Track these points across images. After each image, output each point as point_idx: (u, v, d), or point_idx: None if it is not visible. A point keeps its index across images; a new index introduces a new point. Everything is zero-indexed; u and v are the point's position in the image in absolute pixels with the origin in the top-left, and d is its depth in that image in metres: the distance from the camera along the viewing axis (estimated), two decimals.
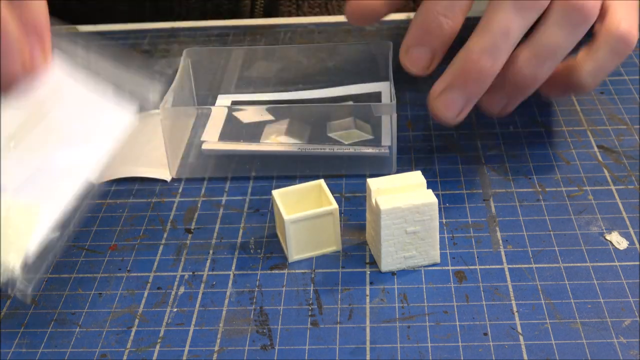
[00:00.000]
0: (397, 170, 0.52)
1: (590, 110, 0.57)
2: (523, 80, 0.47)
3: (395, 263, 0.44)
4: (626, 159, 0.52)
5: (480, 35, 0.45)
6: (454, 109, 0.47)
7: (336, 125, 0.53)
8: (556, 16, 0.46)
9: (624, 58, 0.49)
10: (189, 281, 0.45)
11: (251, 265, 0.46)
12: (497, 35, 0.45)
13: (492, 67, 0.45)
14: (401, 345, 0.40)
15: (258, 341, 0.41)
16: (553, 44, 0.46)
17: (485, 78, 0.45)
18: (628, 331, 0.40)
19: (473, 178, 0.51)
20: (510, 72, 0.46)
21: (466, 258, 0.45)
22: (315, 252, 0.46)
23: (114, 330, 0.42)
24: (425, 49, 0.47)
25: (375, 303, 0.43)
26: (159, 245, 0.48)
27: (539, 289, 0.43)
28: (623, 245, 0.45)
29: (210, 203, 0.51)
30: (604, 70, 0.48)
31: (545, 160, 0.52)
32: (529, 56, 0.46)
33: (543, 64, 0.46)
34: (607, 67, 0.48)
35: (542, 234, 0.46)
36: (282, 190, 0.46)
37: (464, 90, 0.46)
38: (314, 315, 0.42)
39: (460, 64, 0.46)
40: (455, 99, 0.46)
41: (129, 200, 0.51)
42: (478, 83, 0.46)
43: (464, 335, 0.40)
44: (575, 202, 0.49)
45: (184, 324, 0.42)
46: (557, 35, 0.46)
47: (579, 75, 0.48)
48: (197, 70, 0.57)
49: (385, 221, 0.43)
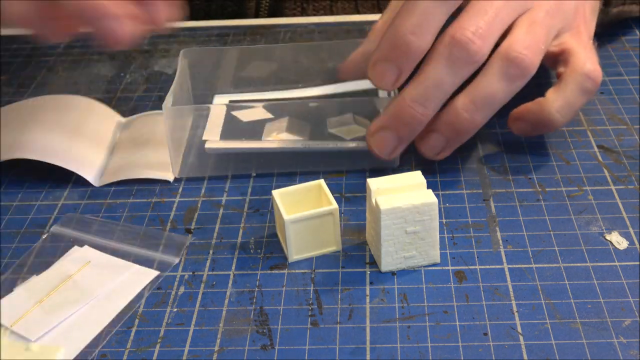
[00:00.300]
0: (397, 170, 0.52)
1: (590, 110, 0.57)
2: (461, 125, 0.49)
3: (395, 263, 0.44)
4: (626, 159, 0.52)
5: (414, 85, 0.48)
6: (387, 148, 0.50)
7: (336, 122, 0.53)
8: (495, 68, 0.48)
9: (592, 96, 0.51)
10: (189, 281, 0.45)
11: (251, 265, 0.46)
12: (429, 87, 0.48)
13: (423, 114, 0.49)
14: (401, 345, 0.40)
15: (258, 341, 0.41)
16: (491, 93, 0.49)
17: (416, 124, 0.49)
18: (628, 331, 0.40)
19: (473, 178, 0.51)
20: (449, 117, 0.49)
21: (466, 258, 0.45)
22: (315, 252, 0.46)
23: (114, 330, 0.42)
24: (392, 65, 0.48)
25: (375, 303, 0.43)
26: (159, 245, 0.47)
27: (539, 289, 0.43)
28: (623, 245, 0.45)
29: (210, 203, 0.51)
30: (572, 107, 0.51)
31: (545, 160, 0.53)
32: (467, 102, 0.49)
33: (480, 110, 0.49)
34: (575, 103, 0.51)
35: (542, 234, 0.46)
36: (282, 190, 0.46)
37: (396, 132, 0.49)
38: (314, 315, 0.42)
39: (394, 109, 0.49)
40: (388, 138, 0.50)
41: (129, 200, 0.51)
42: (409, 127, 0.49)
43: (464, 335, 0.40)
44: (575, 202, 0.49)
45: (184, 324, 0.42)
46: (495, 86, 0.48)
47: (549, 112, 0.50)
48: (194, 70, 0.57)
49: (385, 221, 0.43)
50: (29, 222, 0.50)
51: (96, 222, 0.49)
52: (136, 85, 0.64)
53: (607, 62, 0.63)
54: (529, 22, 0.50)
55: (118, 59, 0.68)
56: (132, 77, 0.65)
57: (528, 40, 0.49)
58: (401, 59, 0.48)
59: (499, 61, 0.48)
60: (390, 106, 0.49)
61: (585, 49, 0.52)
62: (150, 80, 0.65)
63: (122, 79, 0.65)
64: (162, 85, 0.63)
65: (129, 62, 0.67)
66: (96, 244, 0.47)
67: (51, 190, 0.52)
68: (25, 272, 0.46)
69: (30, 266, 0.46)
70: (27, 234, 0.49)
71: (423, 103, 0.48)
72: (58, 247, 0.47)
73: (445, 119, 0.50)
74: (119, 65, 0.67)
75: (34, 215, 0.50)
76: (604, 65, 0.62)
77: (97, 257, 0.46)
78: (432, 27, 0.48)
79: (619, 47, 0.65)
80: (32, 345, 0.41)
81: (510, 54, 0.48)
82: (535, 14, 0.50)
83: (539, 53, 0.49)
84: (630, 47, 0.65)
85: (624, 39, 0.66)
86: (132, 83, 0.64)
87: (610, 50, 0.65)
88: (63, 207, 0.51)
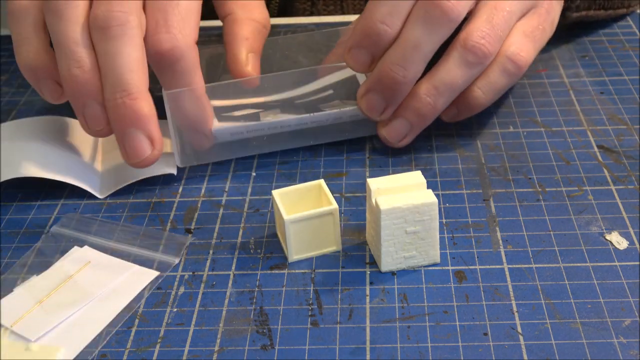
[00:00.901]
0: (397, 171, 0.52)
1: (590, 110, 0.57)
2: (424, 109, 0.51)
3: (395, 263, 0.44)
4: (626, 159, 0.52)
5: (394, 48, 0.50)
6: (376, 110, 0.52)
7: (327, 107, 0.54)
8: (455, 56, 0.50)
9: (515, 78, 0.53)
10: (189, 281, 0.45)
11: (251, 265, 0.46)
12: (407, 49, 0.50)
13: (404, 76, 0.50)
14: (401, 345, 0.40)
15: (258, 341, 0.41)
16: (451, 79, 0.51)
17: (399, 86, 0.51)
18: (628, 331, 0.40)
19: (473, 178, 0.51)
20: (413, 102, 0.51)
21: (466, 258, 0.45)
22: (315, 252, 0.46)
23: (114, 330, 0.42)
24: (364, 51, 0.51)
25: (375, 303, 0.43)
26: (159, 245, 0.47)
27: (539, 289, 0.43)
28: (623, 245, 0.45)
29: (210, 203, 0.51)
30: (493, 86, 0.53)
31: (545, 160, 0.52)
32: (430, 88, 0.51)
33: (441, 95, 0.51)
34: (496, 83, 0.53)
35: (542, 234, 0.46)
36: (282, 190, 0.46)
37: (382, 94, 0.51)
38: (314, 315, 0.42)
39: (377, 74, 0.51)
40: (376, 100, 0.52)
41: (129, 200, 0.51)
42: (393, 90, 0.51)
43: (464, 335, 0.40)
44: (575, 202, 0.49)
45: (184, 324, 0.42)
46: (455, 72, 0.51)
47: (470, 89, 0.52)
48: None
49: (385, 221, 0.43)
50: (29, 222, 0.50)
51: (96, 222, 0.49)
52: None
53: (607, 62, 0.63)
54: (492, 7, 0.51)
55: None
56: None
57: (487, 29, 0.50)
58: (373, 45, 0.50)
59: (458, 49, 0.50)
60: (375, 70, 0.51)
61: (522, 32, 0.53)
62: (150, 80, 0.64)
63: None
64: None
65: None
66: (96, 244, 0.47)
67: (51, 190, 0.52)
68: (25, 272, 0.46)
69: (30, 266, 0.46)
70: (27, 234, 0.49)
71: (403, 65, 0.50)
72: (58, 247, 0.47)
73: (408, 104, 0.52)
74: None
75: (34, 215, 0.50)
76: (604, 65, 0.63)
77: (97, 257, 0.46)
78: (401, 14, 0.50)
79: (619, 47, 0.65)
80: (32, 345, 0.41)
81: (468, 43, 0.50)
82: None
83: (498, 40, 0.51)
84: (630, 47, 0.65)
85: (624, 39, 0.66)
86: None
87: (610, 50, 0.65)
88: (63, 207, 0.51)
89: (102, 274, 0.45)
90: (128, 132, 0.48)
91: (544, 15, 0.55)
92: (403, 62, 0.50)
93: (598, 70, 0.62)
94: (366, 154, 0.54)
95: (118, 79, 0.47)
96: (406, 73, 0.50)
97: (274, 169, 0.53)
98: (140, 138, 0.48)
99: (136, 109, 0.47)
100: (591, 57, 0.64)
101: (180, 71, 0.49)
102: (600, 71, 0.62)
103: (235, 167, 0.54)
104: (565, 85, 0.61)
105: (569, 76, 0.62)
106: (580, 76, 0.61)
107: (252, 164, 0.54)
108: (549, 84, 0.61)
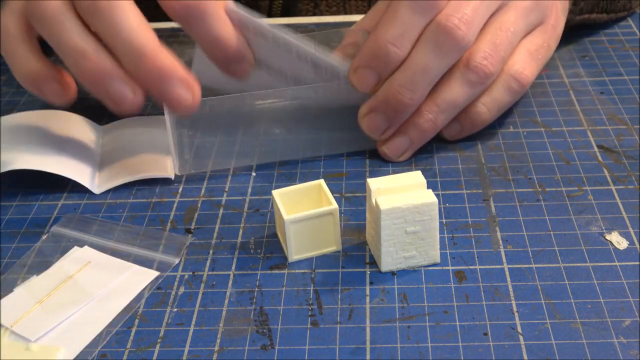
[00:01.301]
0: (397, 170, 0.52)
1: (590, 110, 0.57)
2: (425, 126, 0.52)
3: (395, 263, 0.44)
4: (626, 159, 0.52)
5: (402, 71, 0.51)
6: (379, 129, 0.52)
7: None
8: (457, 75, 0.51)
9: (518, 95, 0.54)
10: (189, 281, 0.45)
11: (251, 265, 0.46)
12: (417, 72, 0.50)
13: (411, 99, 0.51)
14: (401, 345, 0.40)
15: (258, 341, 0.41)
16: (453, 98, 0.51)
17: (405, 108, 0.51)
18: (628, 331, 0.40)
19: (473, 178, 0.51)
20: (414, 119, 0.52)
21: (466, 258, 0.45)
22: (315, 252, 0.46)
23: (114, 330, 0.42)
24: (372, 72, 0.51)
25: (375, 303, 0.43)
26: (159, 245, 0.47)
27: (539, 289, 0.43)
28: (623, 245, 0.45)
29: (210, 203, 0.51)
30: (497, 102, 0.53)
31: (545, 160, 0.53)
32: (431, 105, 0.52)
33: (443, 113, 0.52)
34: (500, 100, 0.53)
35: (542, 234, 0.46)
36: (282, 190, 0.46)
37: (386, 115, 0.52)
38: (314, 315, 0.42)
39: (383, 95, 0.51)
40: (380, 120, 0.52)
41: (129, 200, 0.51)
42: (398, 112, 0.51)
43: (464, 335, 0.40)
44: (575, 202, 0.49)
45: (184, 324, 0.42)
46: (457, 91, 0.51)
47: (475, 105, 0.53)
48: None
49: (385, 221, 0.43)
50: (29, 222, 0.50)
51: (96, 222, 0.49)
52: None
53: (607, 62, 0.63)
54: (496, 28, 0.52)
55: None
56: None
57: (489, 49, 0.51)
58: (381, 66, 0.51)
59: (461, 69, 0.51)
60: (380, 91, 0.51)
61: (527, 50, 0.54)
62: None
63: None
64: None
65: None
66: (96, 244, 0.47)
67: (51, 190, 0.52)
68: (25, 272, 0.46)
69: (30, 266, 0.46)
70: (27, 234, 0.49)
71: (411, 88, 0.50)
72: (58, 247, 0.47)
73: (409, 121, 0.52)
74: None
75: (34, 215, 0.50)
76: (604, 65, 0.63)
77: (97, 258, 0.46)
78: (412, 36, 0.50)
79: (619, 47, 0.65)
80: (32, 345, 0.41)
81: (470, 63, 0.51)
82: (506, 17, 0.53)
83: (499, 61, 0.52)
84: (630, 47, 0.65)
85: (624, 39, 0.66)
86: None
87: (610, 50, 0.65)
88: (63, 207, 0.51)
89: (102, 274, 0.45)
90: (162, 89, 0.49)
91: (549, 31, 0.56)
92: (411, 85, 0.50)
93: (598, 70, 0.62)
94: (366, 154, 0.54)
95: (128, 45, 0.48)
96: (413, 96, 0.51)
97: (274, 169, 0.53)
98: (175, 89, 0.49)
99: (159, 65, 0.48)
100: (591, 57, 0.64)
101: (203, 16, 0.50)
102: (600, 71, 0.62)
103: (235, 167, 0.54)
104: (565, 85, 0.61)
105: (569, 76, 0.62)
106: (580, 76, 0.61)
107: (252, 164, 0.54)
108: (549, 84, 0.61)
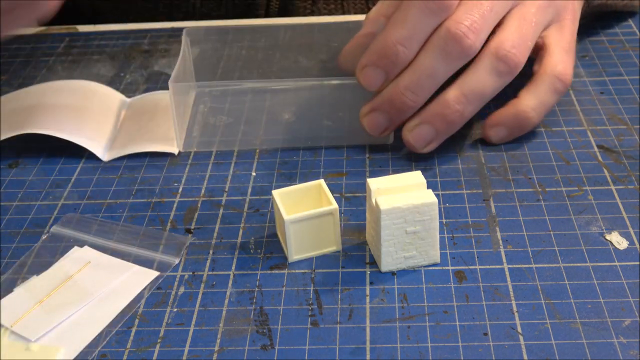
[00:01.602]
0: (397, 171, 0.52)
1: (590, 110, 0.57)
2: (452, 116, 0.51)
3: (395, 263, 0.44)
4: (626, 159, 0.52)
5: (408, 73, 0.51)
6: (379, 128, 0.53)
7: None
8: (486, 64, 0.51)
9: (562, 95, 0.54)
10: (189, 281, 0.45)
11: (251, 265, 0.46)
12: (422, 76, 0.50)
13: (414, 101, 0.51)
14: (401, 345, 0.40)
15: (258, 341, 0.41)
16: (481, 87, 0.51)
17: (407, 109, 0.52)
18: (628, 331, 0.40)
19: (473, 178, 0.51)
20: (441, 109, 0.51)
21: (466, 258, 0.45)
22: (315, 252, 0.46)
23: (114, 330, 0.42)
24: (379, 71, 0.51)
25: (375, 303, 0.43)
26: (159, 245, 0.47)
27: (539, 289, 0.43)
28: (623, 245, 0.45)
29: (210, 203, 0.51)
30: (545, 106, 0.53)
31: (545, 160, 0.52)
32: (459, 95, 0.51)
33: (471, 103, 0.51)
34: (548, 102, 0.53)
35: (542, 234, 0.46)
36: (282, 190, 0.46)
37: (388, 115, 0.52)
38: (314, 315, 0.42)
39: (387, 95, 0.52)
40: (381, 119, 0.53)
41: (129, 200, 0.51)
42: (400, 112, 0.52)
43: (464, 335, 0.40)
44: (575, 202, 0.49)
45: (184, 324, 0.42)
46: (485, 81, 0.51)
47: (524, 111, 0.53)
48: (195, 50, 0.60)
49: (385, 221, 0.43)
50: (29, 222, 0.50)
51: (96, 222, 0.49)
52: (136, 85, 0.64)
53: (607, 62, 0.63)
54: (519, 18, 0.52)
55: (118, 59, 0.68)
56: (132, 77, 0.65)
57: (517, 39, 0.51)
58: (388, 66, 0.51)
59: (489, 57, 0.51)
60: (384, 92, 0.52)
61: (562, 49, 0.54)
62: (150, 80, 0.65)
63: (122, 79, 0.65)
64: (162, 85, 0.63)
65: (128, 62, 0.67)
66: (96, 244, 0.47)
67: (51, 190, 0.52)
68: (25, 272, 0.46)
69: (30, 266, 0.46)
70: (27, 234, 0.49)
71: (415, 91, 0.51)
72: (58, 247, 0.47)
73: (436, 111, 0.51)
74: (119, 65, 0.67)
75: (34, 215, 0.50)
76: (604, 65, 0.63)
77: (97, 258, 0.46)
78: (420, 38, 0.50)
79: (619, 47, 0.65)
80: (32, 345, 0.41)
81: (499, 52, 0.50)
82: (527, 9, 0.53)
83: (527, 50, 0.52)
84: (630, 47, 0.65)
85: (624, 39, 0.66)
86: (132, 83, 0.64)
87: (610, 50, 0.65)
88: (63, 207, 0.51)
89: (102, 274, 0.45)
90: None
91: (570, 26, 0.56)
92: (416, 88, 0.51)
93: (598, 70, 0.62)
94: (366, 154, 0.54)
95: None
96: (417, 99, 0.51)
97: (274, 169, 0.53)
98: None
99: None
100: (591, 57, 0.64)
101: None
102: (600, 71, 0.62)
103: (235, 167, 0.54)
104: None
105: None
106: (580, 76, 0.61)
107: (252, 164, 0.54)
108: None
